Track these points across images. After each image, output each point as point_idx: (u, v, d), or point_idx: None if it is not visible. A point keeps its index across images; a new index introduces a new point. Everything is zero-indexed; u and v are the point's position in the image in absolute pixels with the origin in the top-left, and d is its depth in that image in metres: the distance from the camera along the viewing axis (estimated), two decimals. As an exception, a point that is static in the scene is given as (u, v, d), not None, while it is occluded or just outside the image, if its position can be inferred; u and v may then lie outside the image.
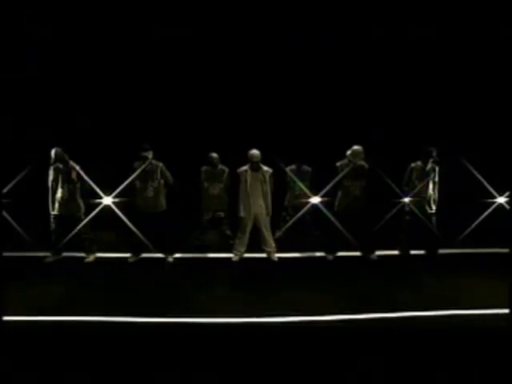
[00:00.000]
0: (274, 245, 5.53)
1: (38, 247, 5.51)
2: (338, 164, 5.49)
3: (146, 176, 5.35)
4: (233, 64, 6.74)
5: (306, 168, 5.98)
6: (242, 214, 5.43)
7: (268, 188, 5.42)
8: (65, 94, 6.65)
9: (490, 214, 5.77)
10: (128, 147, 5.44)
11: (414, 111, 6.75)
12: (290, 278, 4.90)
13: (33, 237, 5.63)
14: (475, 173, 5.69)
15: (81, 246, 5.45)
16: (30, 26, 6.23)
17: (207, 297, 4.32)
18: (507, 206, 5.82)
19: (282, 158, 5.74)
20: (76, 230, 5.32)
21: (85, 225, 5.38)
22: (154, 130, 6.27)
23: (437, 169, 5.53)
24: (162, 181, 5.42)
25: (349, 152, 5.46)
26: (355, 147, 5.42)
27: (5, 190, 5.42)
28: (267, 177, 5.42)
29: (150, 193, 5.36)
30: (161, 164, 5.41)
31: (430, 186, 5.51)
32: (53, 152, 5.30)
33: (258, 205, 5.40)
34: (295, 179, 5.87)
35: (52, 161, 5.33)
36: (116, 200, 5.30)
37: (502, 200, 5.83)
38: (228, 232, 5.87)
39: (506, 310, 3.80)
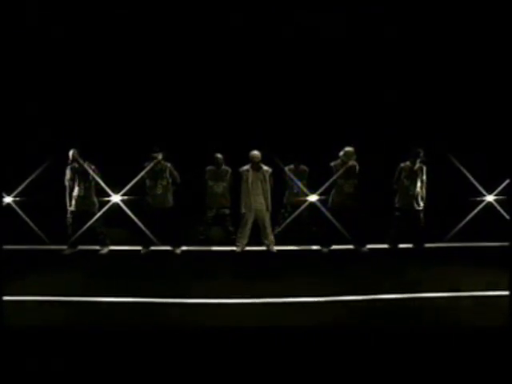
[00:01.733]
0: (273, 238, 5.89)
1: (55, 241, 5.90)
2: (332, 164, 5.82)
3: (156, 175, 5.79)
4: (236, 71, 7.07)
5: (304, 168, 6.19)
6: (243, 210, 5.81)
7: (268, 186, 5.80)
8: (81, 96, 7.02)
9: (478, 212, 6.11)
10: (141, 149, 5.86)
11: (405, 112, 7.03)
12: (287, 267, 5.29)
13: (51, 231, 6.08)
14: (465, 172, 6.04)
15: (95, 239, 5.86)
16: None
17: (211, 282, 4.70)
18: (496, 204, 6.20)
19: (281, 159, 6.07)
20: (90, 223, 5.72)
21: (98, 219, 5.81)
22: (165, 133, 6.61)
23: (424, 168, 5.84)
24: (170, 180, 5.85)
25: (341, 153, 5.80)
26: (347, 148, 5.77)
27: (21, 187, 5.92)
28: (267, 176, 5.80)
29: (159, 190, 5.79)
30: (169, 164, 5.84)
31: (418, 184, 5.82)
32: (70, 153, 5.72)
33: (258, 202, 5.77)
34: (293, 178, 6.09)
35: (69, 161, 5.75)
36: (124, 198, 5.78)
37: (490, 198, 6.18)
38: (231, 228, 6.12)
39: (482, 293, 4.22)
